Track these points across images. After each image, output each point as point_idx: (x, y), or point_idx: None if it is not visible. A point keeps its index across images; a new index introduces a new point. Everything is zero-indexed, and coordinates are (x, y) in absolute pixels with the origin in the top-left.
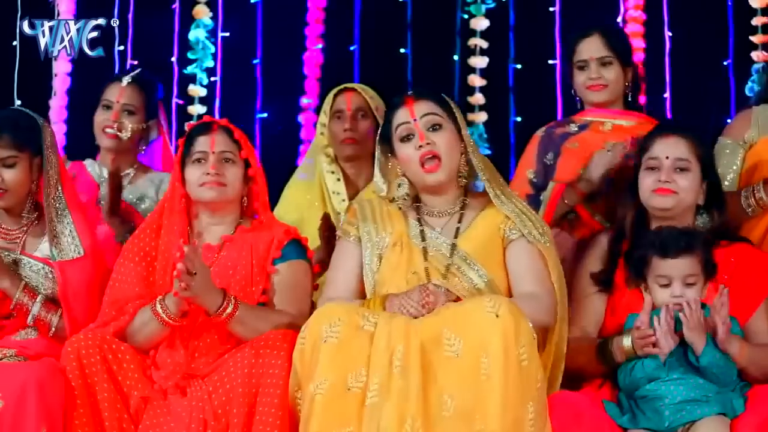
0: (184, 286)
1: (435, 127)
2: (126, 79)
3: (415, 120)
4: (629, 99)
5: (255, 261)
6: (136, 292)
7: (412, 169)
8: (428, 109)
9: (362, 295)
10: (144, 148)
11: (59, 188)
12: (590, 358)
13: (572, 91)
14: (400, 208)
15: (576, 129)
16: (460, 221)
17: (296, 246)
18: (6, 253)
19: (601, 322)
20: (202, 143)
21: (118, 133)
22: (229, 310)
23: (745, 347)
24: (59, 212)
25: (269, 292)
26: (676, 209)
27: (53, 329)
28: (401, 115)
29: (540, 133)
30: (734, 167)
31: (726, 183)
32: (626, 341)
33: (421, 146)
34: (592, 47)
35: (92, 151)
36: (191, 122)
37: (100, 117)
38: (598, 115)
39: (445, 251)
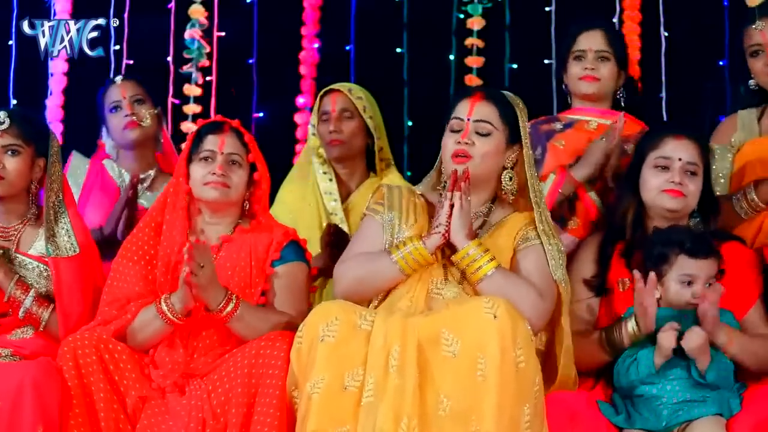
0: (193, 273)
1: (484, 134)
2: (119, 78)
3: (468, 120)
4: (621, 104)
5: (254, 263)
6: (136, 291)
7: (445, 158)
8: (487, 116)
9: None
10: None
11: (60, 195)
12: (592, 348)
13: (563, 86)
14: (427, 201)
15: (561, 127)
16: (481, 227)
17: (295, 247)
18: (0, 251)
19: (594, 325)
20: (211, 142)
21: (140, 123)
22: (230, 307)
23: (734, 335)
24: (58, 215)
25: (268, 294)
26: (683, 212)
27: (43, 324)
28: (461, 108)
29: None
30: (724, 171)
31: (717, 188)
32: (630, 324)
33: (459, 142)
34: (593, 40)
35: (88, 152)
36: (187, 122)
37: (115, 118)
38: (584, 113)
39: None
